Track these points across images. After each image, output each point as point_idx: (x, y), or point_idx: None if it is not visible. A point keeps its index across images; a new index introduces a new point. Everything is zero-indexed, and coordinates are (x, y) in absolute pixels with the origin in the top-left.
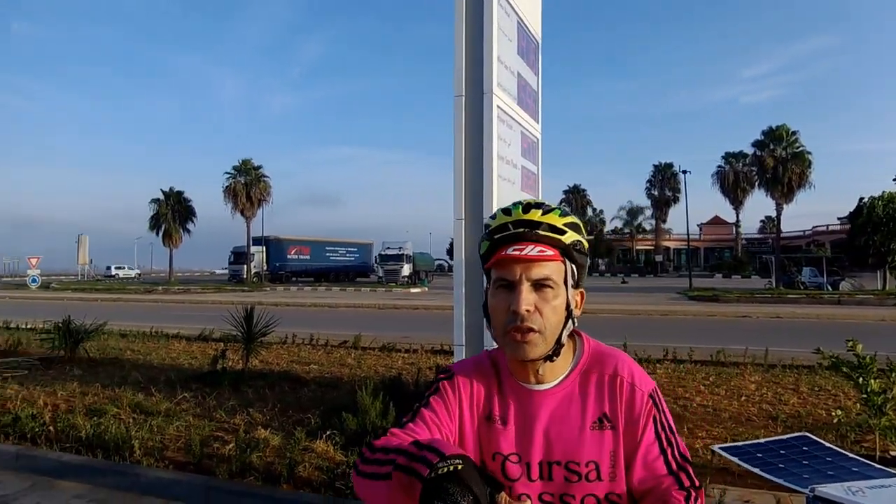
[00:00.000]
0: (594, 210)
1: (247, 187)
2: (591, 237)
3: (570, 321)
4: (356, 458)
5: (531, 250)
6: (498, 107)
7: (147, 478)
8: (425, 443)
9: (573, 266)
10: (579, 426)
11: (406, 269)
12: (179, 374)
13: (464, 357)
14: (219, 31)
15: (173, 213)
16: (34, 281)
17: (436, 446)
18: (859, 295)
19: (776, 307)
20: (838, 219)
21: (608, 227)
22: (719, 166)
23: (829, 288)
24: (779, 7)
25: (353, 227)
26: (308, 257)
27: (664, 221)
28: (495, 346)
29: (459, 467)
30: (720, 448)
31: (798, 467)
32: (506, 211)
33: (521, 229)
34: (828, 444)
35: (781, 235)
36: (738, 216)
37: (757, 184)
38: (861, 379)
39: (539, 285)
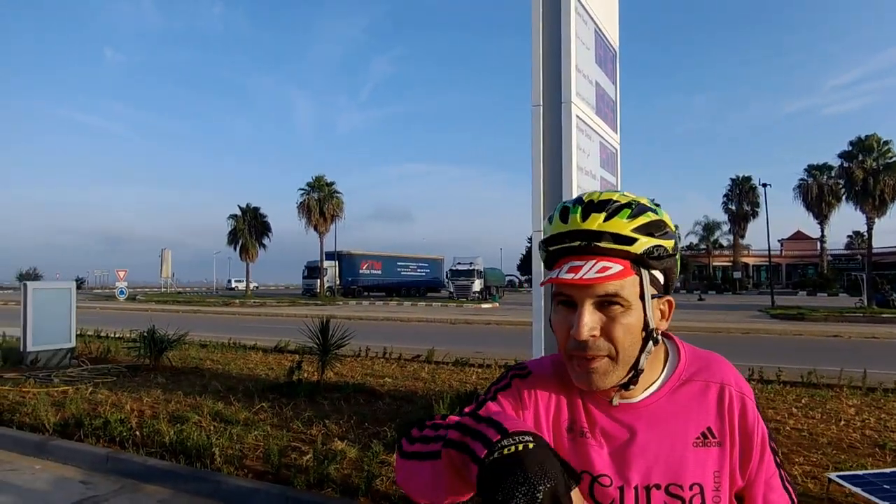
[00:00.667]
0: None
1: (320, 203)
2: None
3: (650, 341)
4: (402, 438)
5: (590, 269)
6: (577, 116)
7: (227, 485)
8: (485, 415)
9: (653, 273)
10: (681, 443)
11: (477, 285)
12: (257, 384)
13: None
14: (292, 52)
15: (250, 228)
16: (122, 293)
17: (499, 419)
18: None
19: (870, 327)
20: None
21: (683, 243)
22: (802, 179)
23: None
24: (863, 15)
25: (423, 242)
26: (380, 272)
27: (742, 237)
28: None
29: (531, 446)
30: (837, 476)
31: None
32: (563, 214)
33: (578, 242)
34: None
35: (872, 251)
36: (822, 231)
37: (844, 197)
38: None
39: (604, 303)
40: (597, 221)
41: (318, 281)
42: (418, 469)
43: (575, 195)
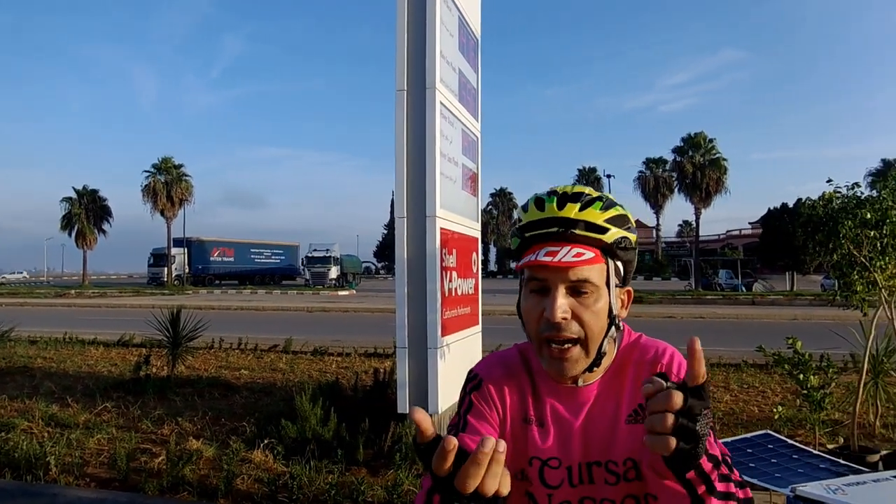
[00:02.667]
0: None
1: (167, 186)
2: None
3: (613, 326)
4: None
5: (566, 254)
6: (440, 102)
7: (66, 497)
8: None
9: (617, 264)
10: (613, 420)
11: (333, 272)
12: (98, 382)
13: (405, 361)
14: (137, 24)
15: (87, 212)
16: None
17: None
18: (771, 296)
19: (697, 308)
20: (749, 223)
21: None
22: (640, 171)
23: (744, 289)
24: (693, 21)
25: (279, 228)
26: (232, 259)
27: None
28: (439, 347)
29: None
30: None
31: (768, 466)
32: (539, 203)
33: (555, 228)
34: (790, 441)
35: (699, 239)
36: (658, 220)
37: (677, 188)
38: (801, 375)
39: (576, 289)
40: (573, 210)
41: (166, 269)
42: None
43: (438, 181)
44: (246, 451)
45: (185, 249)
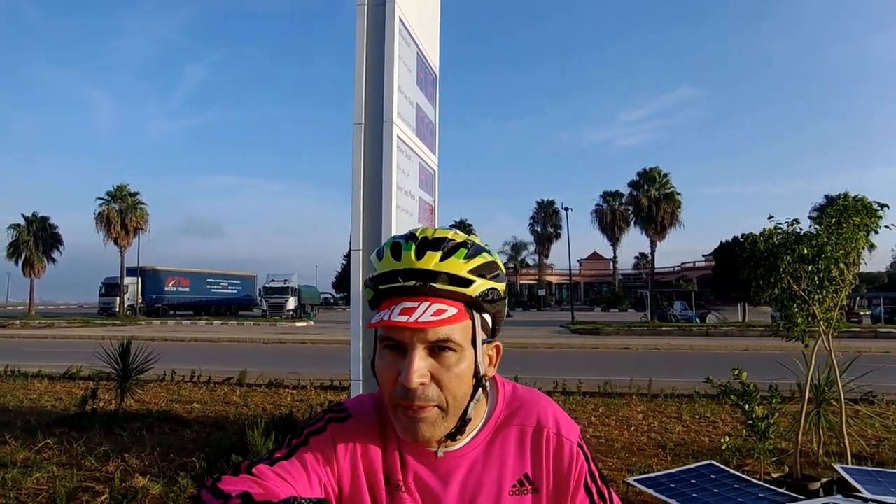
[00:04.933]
0: None
1: (121, 214)
2: None
3: (480, 388)
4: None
5: (424, 312)
6: (397, 136)
7: None
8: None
9: (484, 317)
10: (496, 492)
11: (291, 303)
12: (41, 417)
13: (360, 394)
14: (92, 48)
15: (36, 240)
16: None
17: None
18: (724, 327)
19: (653, 339)
20: (703, 255)
21: None
22: (598, 204)
23: (698, 320)
24: (652, 58)
25: (236, 258)
26: (187, 289)
27: (547, 257)
28: None
29: None
30: (634, 480)
31: (710, 496)
32: (395, 251)
33: (413, 282)
34: (733, 471)
35: (654, 271)
36: (615, 252)
37: (633, 221)
38: (747, 406)
39: (437, 349)
40: (433, 261)
41: (118, 299)
42: None
43: (394, 214)
44: (194, 488)
45: (139, 279)
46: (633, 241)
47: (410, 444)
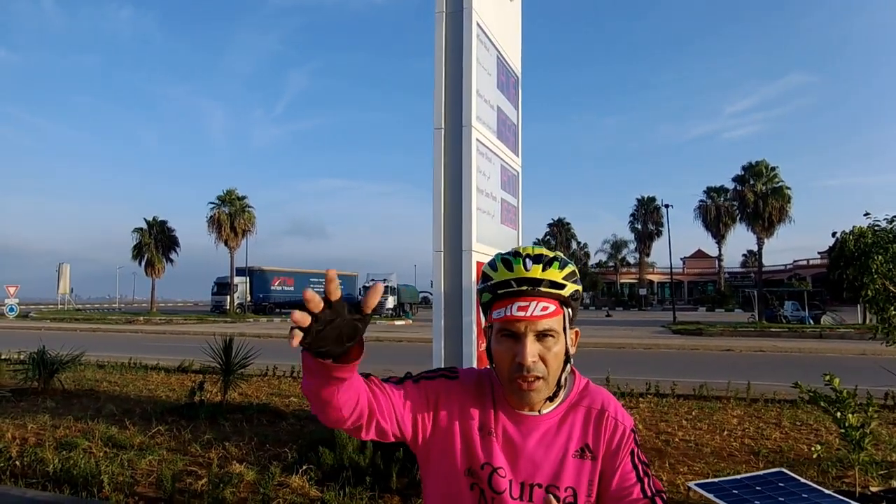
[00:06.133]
0: (578, 243)
1: (231, 217)
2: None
3: (569, 363)
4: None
5: (535, 308)
6: (477, 139)
7: None
8: None
9: (570, 311)
10: (563, 453)
11: (391, 302)
12: (156, 406)
13: None
14: (205, 63)
15: (156, 242)
16: (12, 310)
17: None
18: (840, 329)
19: (759, 341)
20: (818, 253)
21: (593, 261)
22: (701, 201)
23: (811, 322)
24: (761, 45)
25: (338, 258)
26: (292, 289)
27: (648, 255)
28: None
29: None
30: (695, 485)
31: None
32: (507, 263)
33: (525, 287)
34: (803, 480)
35: (763, 269)
36: (720, 250)
37: (738, 218)
38: (839, 413)
39: (542, 336)
40: (538, 270)
41: (228, 297)
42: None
43: (475, 216)
44: (284, 476)
45: (247, 278)
46: (740, 239)
47: (503, 406)
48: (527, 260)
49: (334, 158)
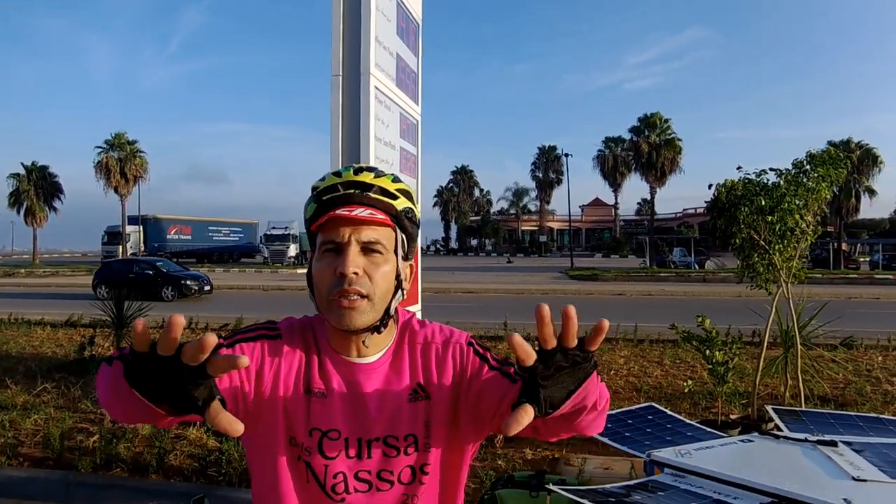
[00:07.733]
0: (482, 191)
1: (121, 163)
2: (478, 217)
3: (400, 292)
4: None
5: (361, 212)
6: (376, 87)
7: None
8: None
9: (403, 235)
10: (396, 400)
11: (293, 250)
12: (41, 363)
13: None
14: None
15: (37, 189)
16: None
17: None
18: (721, 273)
19: (649, 285)
20: (705, 202)
21: (495, 208)
22: (600, 150)
23: (697, 267)
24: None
25: (240, 204)
26: (189, 237)
27: (548, 203)
28: None
29: None
30: None
31: (641, 435)
32: (336, 173)
33: (352, 190)
34: (669, 413)
35: (655, 217)
36: (616, 198)
37: (634, 168)
38: (707, 351)
39: (368, 249)
40: (368, 177)
41: (120, 247)
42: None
43: (372, 164)
44: (181, 429)
45: (141, 227)
46: (636, 188)
47: (331, 356)
48: (360, 169)
49: (235, 102)
